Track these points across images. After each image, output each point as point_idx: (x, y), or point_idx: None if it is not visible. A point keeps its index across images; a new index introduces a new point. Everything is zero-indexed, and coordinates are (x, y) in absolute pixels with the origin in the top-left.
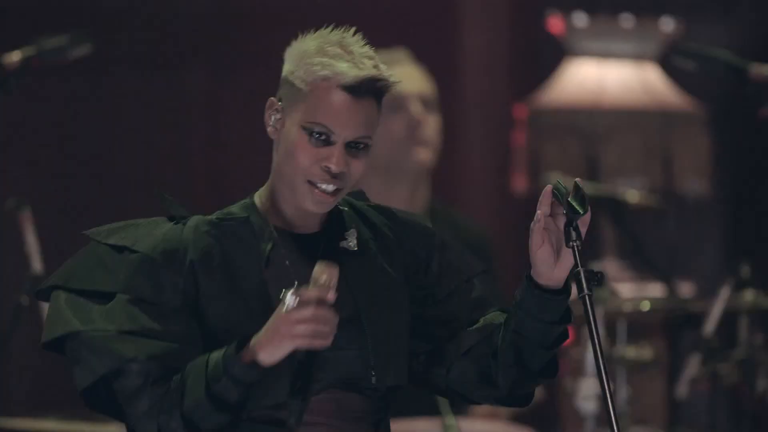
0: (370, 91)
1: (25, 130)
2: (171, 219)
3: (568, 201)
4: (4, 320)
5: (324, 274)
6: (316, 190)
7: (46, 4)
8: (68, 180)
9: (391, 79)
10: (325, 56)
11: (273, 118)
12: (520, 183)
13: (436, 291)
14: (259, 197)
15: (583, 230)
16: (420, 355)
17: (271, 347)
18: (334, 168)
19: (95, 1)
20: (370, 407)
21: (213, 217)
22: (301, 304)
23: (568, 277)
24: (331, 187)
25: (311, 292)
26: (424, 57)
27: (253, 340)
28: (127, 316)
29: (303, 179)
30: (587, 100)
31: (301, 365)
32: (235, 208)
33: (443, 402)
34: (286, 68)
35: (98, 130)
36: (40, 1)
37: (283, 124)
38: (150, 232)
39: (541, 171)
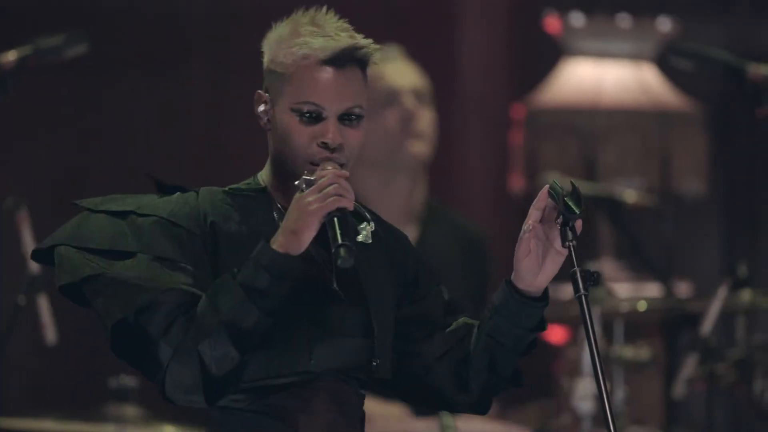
0: (352, 60)
1: (22, 129)
2: (168, 192)
3: (564, 201)
4: (2, 320)
5: (330, 166)
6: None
7: (45, 4)
8: (66, 180)
9: (371, 47)
10: (300, 36)
11: (262, 109)
12: (517, 183)
13: (413, 291)
14: (261, 179)
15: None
16: (396, 354)
17: (304, 226)
18: (330, 142)
19: (95, 1)
20: (357, 401)
21: (225, 188)
22: (319, 176)
23: (551, 281)
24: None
25: (324, 169)
26: (422, 57)
27: (274, 237)
28: (153, 270)
29: (304, 161)
30: (585, 100)
31: (315, 346)
32: (241, 186)
33: None
34: (266, 58)
35: (97, 130)
36: (39, 0)
37: (273, 113)
38: (152, 201)
39: (538, 171)
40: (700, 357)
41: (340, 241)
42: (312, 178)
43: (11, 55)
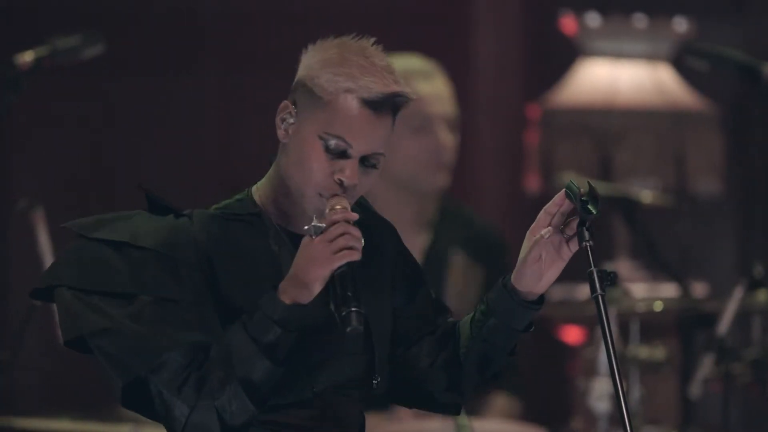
0: (390, 106)
1: (38, 130)
2: (160, 213)
3: (581, 200)
4: (17, 321)
5: (338, 203)
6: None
7: (59, 6)
8: (81, 180)
9: (411, 96)
10: (350, 67)
11: (286, 122)
12: (532, 183)
13: (405, 291)
14: (258, 194)
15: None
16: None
17: (311, 277)
18: (347, 181)
19: (108, 2)
20: (357, 412)
21: (215, 211)
22: (330, 224)
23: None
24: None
25: (335, 214)
26: (436, 57)
27: (282, 285)
28: (156, 317)
29: (314, 191)
30: (600, 101)
31: (314, 366)
32: (233, 204)
33: None
34: (304, 73)
35: (110, 131)
36: (52, 2)
37: (297, 130)
38: (146, 227)
39: (553, 171)
40: (716, 357)
41: (350, 306)
42: (322, 225)
43: (28, 56)
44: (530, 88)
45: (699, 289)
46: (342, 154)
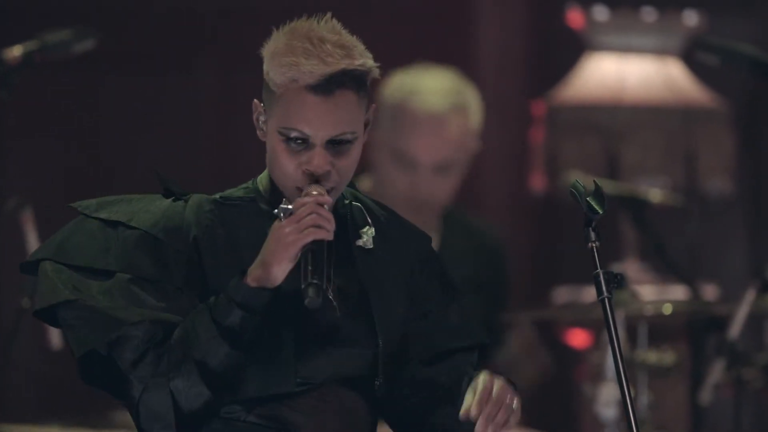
0: (343, 84)
1: (27, 127)
2: (167, 195)
3: (587, 200)
4: (6, 323)
5: (315, 190)
6: None
7: (57, 4)
8: (71, 179)
9: (367, 65)
10: (295, 54)
11: (260, 120)
12: (538, 182)
13: (419, 304)
14: (261, 184)
15: None
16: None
17: (278, 258)
18: (315, 170)
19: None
20: (367, 409)
21: (216, 196)
22: (298, 206)
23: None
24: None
25: (306, 197)
26: (438, 52)
27: (250, 269)
28: (129, 295)
29: (291, 185)
30: (607, 97)
31: (305, 358)
32: (237, 191)
33: None
34: (264, 68)
35: (104, 128)
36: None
37: (267, 128)
38: (146, 208)
39: (559, 170)
40: (727, 362)
41: (309, 279)
42: (290, 207)
43: (17, 51)
44: (535, 83)
45: (709, 292)
46: (305, 145)
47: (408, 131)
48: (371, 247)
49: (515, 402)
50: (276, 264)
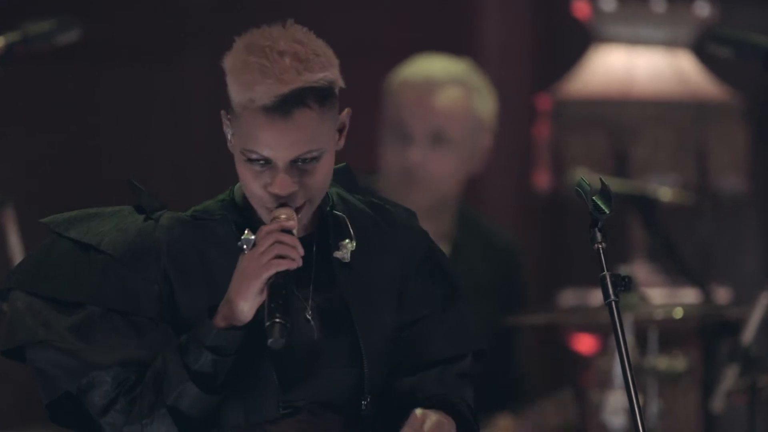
0: (302, 103)
1: (9, 121)
2: (139, 210)
3: (593, 199)
4: None
5: (281, 213)
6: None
7: None
8: (56, 176)
9: (328, 78)
10: (250, 72)
11: (228, 133)
12: (543, 179)
13: (412, 311)
14: (237, 195)
15: None
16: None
17: (242, 294)
18: (279, 193)
19: None
20: (353, 429)
21: (188, 214)
22: (260, 236)
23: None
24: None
25: (270, 224)
26: (440, 44)
27: (219, 307)
28: (99, 332)
29: (260, 205)
30: (615, 90)
31: (287, 381)
32: (212, 205)
33: None
34: (227, 81)
35: (90, 122)
36: None
37: (233, 141)
38: (119, 226)
39: (565, 167)
40: (741, 368)
41: (273, 318)
42: (252, 238)
43: None
44: (540, 77)
45: (722, 295)
46: (268, 166)
47: (403, 97)
48: (348, 261)
49: None
50: (242, 300)
